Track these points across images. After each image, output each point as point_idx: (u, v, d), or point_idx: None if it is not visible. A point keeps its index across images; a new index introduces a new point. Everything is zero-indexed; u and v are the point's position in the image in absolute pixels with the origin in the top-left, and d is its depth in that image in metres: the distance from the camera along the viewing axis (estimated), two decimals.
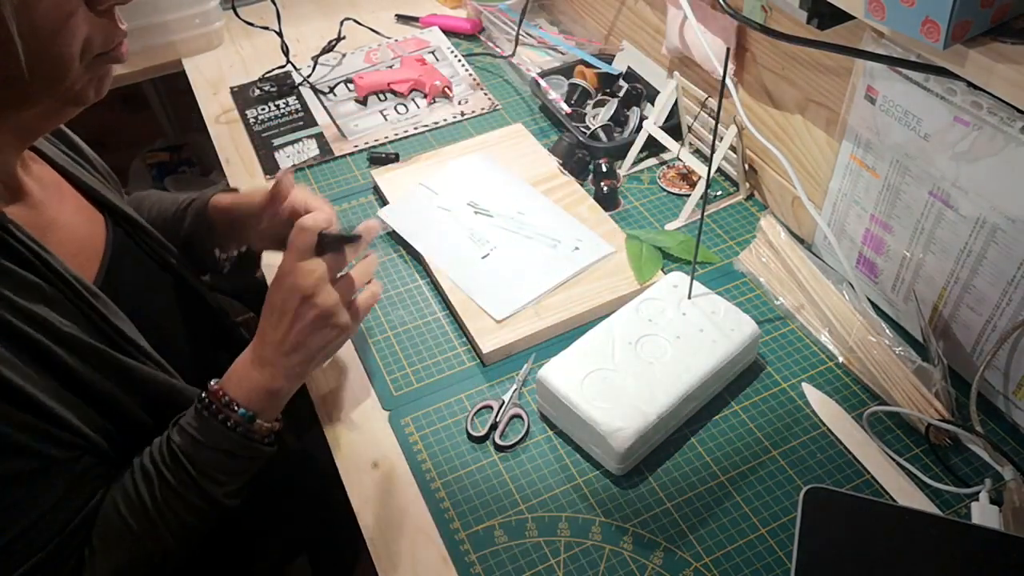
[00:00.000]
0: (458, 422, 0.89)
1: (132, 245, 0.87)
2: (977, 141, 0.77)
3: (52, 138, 0.85)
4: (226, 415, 0.76)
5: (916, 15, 0.64)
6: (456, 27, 1.50)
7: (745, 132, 1.07)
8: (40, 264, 0.70)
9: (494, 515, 0.81)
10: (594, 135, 1.22)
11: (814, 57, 0.96)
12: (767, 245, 1.02)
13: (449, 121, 1.30)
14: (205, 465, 0.75)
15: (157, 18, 1.40)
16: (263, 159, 1.24)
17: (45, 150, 0.82)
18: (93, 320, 0.73)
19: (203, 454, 0.75)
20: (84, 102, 0.71)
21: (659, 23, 1.24)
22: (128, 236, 0.87)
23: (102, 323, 0.73)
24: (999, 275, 0.80)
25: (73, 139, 0.89)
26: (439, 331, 0.99)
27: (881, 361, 0.88)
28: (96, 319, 0.73)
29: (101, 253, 0.82)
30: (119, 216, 0.86)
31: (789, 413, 0.88)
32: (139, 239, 0.89)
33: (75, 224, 0.81)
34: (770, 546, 0.77)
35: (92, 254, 0.81)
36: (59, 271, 0.71)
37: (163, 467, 0.74)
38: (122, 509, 0.73)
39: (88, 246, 0.81)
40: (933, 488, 0.81)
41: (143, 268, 0.88)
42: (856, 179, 0.94)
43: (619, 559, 0.77)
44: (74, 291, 0.72)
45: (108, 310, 0.74)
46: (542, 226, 1.07)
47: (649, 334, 0.89)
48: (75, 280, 0.72)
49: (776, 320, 0.98)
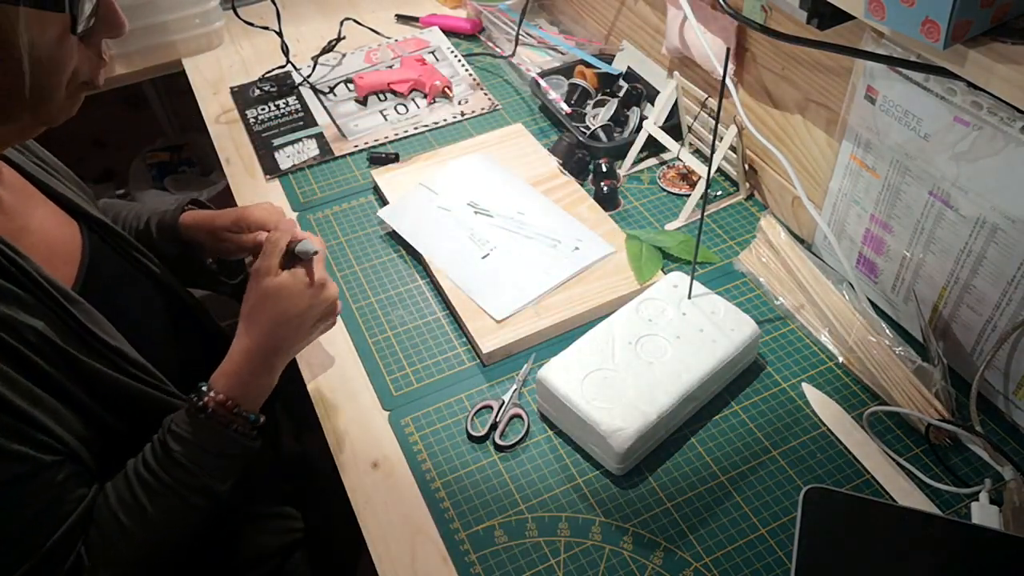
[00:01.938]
0: (458, 422, 0.89)
1: (108, 250, 0.87)
2: (977, 141, 0.77)
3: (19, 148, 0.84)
4: (235, 424, 0.78)
5: (916, 15, 0.64)
6: (456, 27, 1.50)
7: (745, 132, 1.07)
8: (15, 269, 0.70)
9: (494, 515, 0.81)
10: (594, 135, 1.22)
11: (814, 57, 0.96)
12: (767, 245, 1.02)
13: (449, 121, 1.30)
14: (207, 469, 0.77)
15: (157, 18, 1.40)
16: (263, 159, 1.24)
17: (13, 158, 0.82)
18: (69, 325, 0.72)
19: (208, 461, 0.76)
20: (55, 123, 0.73)
21: (659, 23, 1.24)
22: (103, 241, 0.86)
23: (79, 329, 0.73)
24: (999, 275, 0.80)
25: (39, 150, 0.89)
26: (439, 331, 0.99)
27: (881, 361, 0.88)
28: (72, 324, 0.73)
29: (78, 259, 0.81)
30: (92, 222, 0.86)
31: (789, 413, 0.88)
32: (115, 244, 0.88)
33: (48, 229, 0.80)
34: (770, 546, 0.77)
35: (68, 259, 0.80)
36: (34, 276, 0.71)
37: (163, 474, 0.75)
38: (122, 518, 0.73)
39: (63, 251, 0.80)
40: (933, 488, 0.81)
41: (121, 273, 0.87)
42: (856, 179, 0.94)
43: (619, 559, 0.77)
44: (49, 296, 0.71)
45: (85, 315, 0.74)
46: (542, 226, 1.07)
47: (649, 334, 0.89)
48: (50, 285, 0.72)
49: (776, 320, 0.98)
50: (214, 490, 0.78)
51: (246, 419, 0.79)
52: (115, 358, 0.75)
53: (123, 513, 0.73)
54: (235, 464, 0.80)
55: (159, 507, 0.74)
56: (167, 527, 0.75)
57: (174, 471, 0.75)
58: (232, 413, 0.78)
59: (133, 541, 0.73)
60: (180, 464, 0.75)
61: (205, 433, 0.77)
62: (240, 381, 0.80)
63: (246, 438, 0.79)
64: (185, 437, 0.76)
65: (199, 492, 0.77)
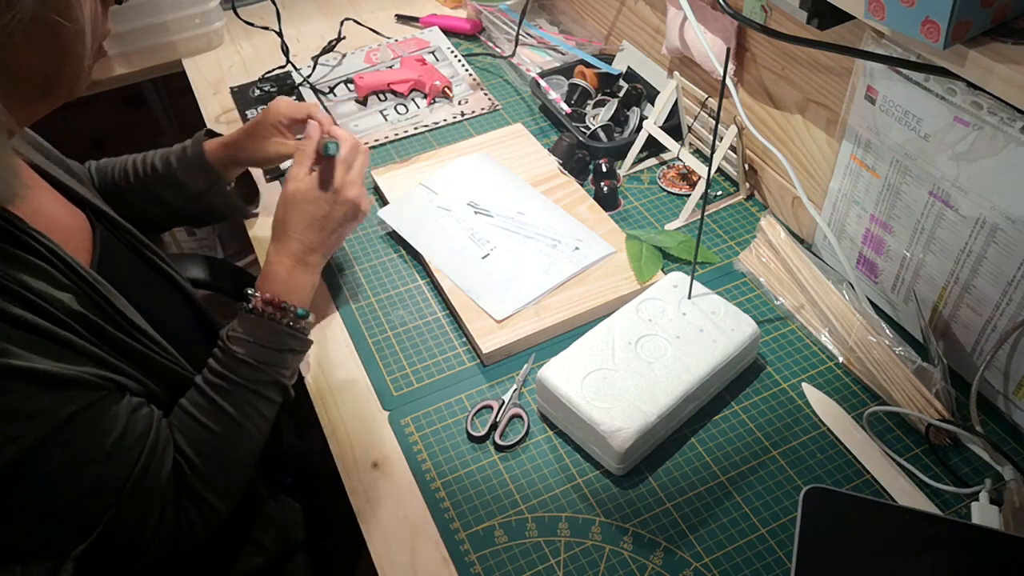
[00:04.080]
0: (458, 422, 0.89)
1: (116, 242, 0.87)
2: (977, 141, 0.77)
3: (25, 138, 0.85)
4: (286, 318, 0.84)
5: (916, 15, 0.64)
6: (456, 27, 1.50)
7: (745, 132, 1.07)
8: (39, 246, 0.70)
9: (494, 515, 0.81)
10: (594, 135, 1.22)
11: (814, 57, 0.96)
12: (767, 245, 1.02)
13: (449, 121, 1.30)
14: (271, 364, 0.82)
15: (157, 18, 1.40)
16: None
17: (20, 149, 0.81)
18: (95, 300, 0.74)
19: (269, 356, 0.82)
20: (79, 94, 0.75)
21: (659, 23, 1.24)
22: (110, 233, 0.87)
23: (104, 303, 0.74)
24: (999, 275, 0.80)
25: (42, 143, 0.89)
26: (439, 331, 0.99)
27: (881, 361, 0.88)
28: (98, 299, 0.74)
29: (89, 247, 0.82)
30: (99, 213, 0.86)
31: (789, 413, 0.88)
32: (122, 237, 0.89)
33: (59, 216, 0.81)
34: (770, 546, 0.77)
35: (80, 245, 0.81)
36: (58, 253, 0.72)
37: (231, 375, 0.80)
38: (204, 420, 0.78)
39: (75, 237, 0.81)
40: (933, 488, 0.81)
41: (130, 265, 0.88)
42: (856, 179, 0.94)
43: (619, 559, 0.77)
44: (74, 271, 0.72)
45: (109, 292, 0.75)
46: (542, 226, 1.07)
47: (649, 334, 0.89)
48: (74, 262, 0.73)
49: (776, 320, 0.98)
50: (282, 384, 0.83)
51: (295, 313, 0.85)
52: (138, 335, 0.77)
53: (204, 416, 0.78)
54: (297, 359, 0.86)
55: (236, 405, 0.79)
56: (250, 422, 0.80)
57: (241, 369, 0.80)
58: (280, 308, 0.84)
59: (221, 441, 0.78)
60: (245, 362, 0.80)
61: (261, 331, 0.82)
62: (280, 280, 0.86)
63: (300, 331, 0.85)
64: (243, 338, 0.81)
65: (269, 386, 0.82)
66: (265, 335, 0.82)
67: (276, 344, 0.83)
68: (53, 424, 0.66)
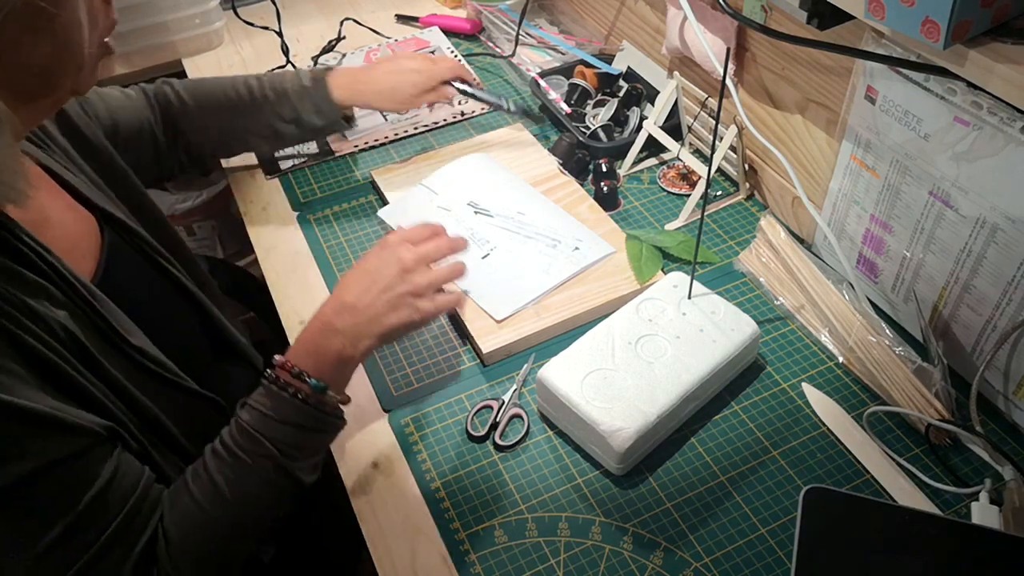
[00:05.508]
0: (458, 422, 0.89)
1: (126, 247, 0.86)
2: (977, 141, 0.77)
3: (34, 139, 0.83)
4: (296, 388, 0.74)
5: (916, 15, 0.64)
6: (456, 27, 1.50)
7: (745, 132, 1.07)
8: (40, 262, 0.70)
9: (494, 515, 0.81)
10: (594, 135, 1.22)
11: (814, 57, 0.96)
12: (767, 245, 1.02)
13: (449, 121, 1.30)
14: (278, 440, 0.73)
15: (157, 18, 1.40)
16: (263, 159, 1.24)
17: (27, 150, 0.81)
18: (91, 319, 0.72)
19: (275, 429, 0.73)
20: (84, 91, 0.74)
21: (659, 23, 1.24)
22: (120, 238, 0.85)
23: (100, 323, 0.73)
24: (999, 275, 0.80)
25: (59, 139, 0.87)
26: (439, 331, 0.99)
27: (881, 361, 0.88)
28: (94, 318, 0.73)
29: (96, 254, 0.81)
30: (109, 218, 0.85)
31: (789, 413, 0.88)
32: (132, 242, 0.87)
33: (67, 222, 0.80)
34: (770, 546, 0.77)
35: (86, 253, 0.80)
36: (58, 269, 0.71)
37: (235, 447, 0.72)
38: (196, 494, 0.71)
39: (81, 244, 0.80)
40: (933, 488, 0.81)
41: (139, 272, 0.87)
42: (856, 179, 0.94)
43: (619, 559, 0.77)
44: (72, 289, 0.71)
45: (107, 310, 0.74)
46: (542, 226, 1.07)
47: (649, 334, 0.89)
48: (73, 277, 0.72)
49: (776, 320, 0.98)
50: (286, 466, 0.73)
51: (307, 383, 0.74)
52: (134, 354, 0.75)
53: (195, 484, 0.72)
54: (309, 439, 0.75)
55: (228, 479, 0.72)
56: (240, 501, 0.72)
57: (241, 438, 0.73)
58: (292, 375, 0.74)
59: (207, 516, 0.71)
60: (246, 431, 0.73)
61: (271, 399, 0.74)
62: (303, 344, 0.77)
63: (311, 405, 0.74)
64: (253, 405, 0.74)
65: (267, 459, 0.73)
66: (274, 404, 0.74)
67: (281, 415, 0.73)
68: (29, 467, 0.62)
